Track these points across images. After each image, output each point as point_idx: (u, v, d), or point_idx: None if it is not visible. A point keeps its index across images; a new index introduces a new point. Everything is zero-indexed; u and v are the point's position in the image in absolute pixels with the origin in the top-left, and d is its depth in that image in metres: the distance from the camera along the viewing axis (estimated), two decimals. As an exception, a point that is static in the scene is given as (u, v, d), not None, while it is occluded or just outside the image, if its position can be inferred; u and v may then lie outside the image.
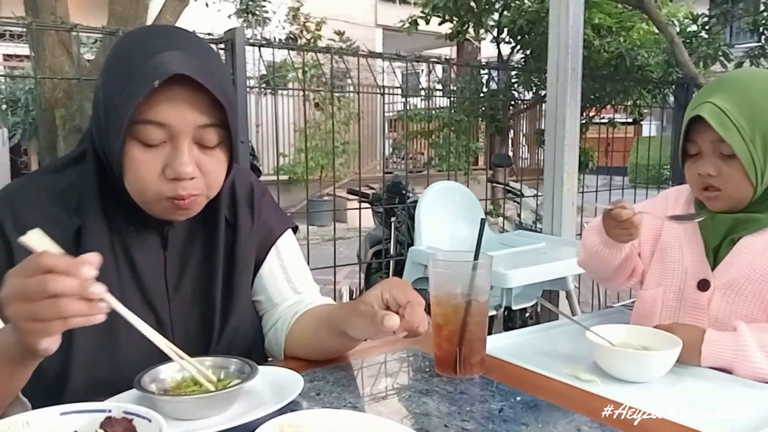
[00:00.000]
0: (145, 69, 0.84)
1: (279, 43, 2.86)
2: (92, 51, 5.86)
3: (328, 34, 9.09)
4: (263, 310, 1.12)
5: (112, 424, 0.67)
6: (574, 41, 2.49)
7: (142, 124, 0.86)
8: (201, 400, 0.80)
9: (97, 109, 0.91)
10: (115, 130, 0.86)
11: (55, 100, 3.37)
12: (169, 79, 0.83)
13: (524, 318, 2.94)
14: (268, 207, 1.12)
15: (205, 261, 1.02)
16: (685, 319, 1.24)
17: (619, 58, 5.12)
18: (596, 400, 0.90)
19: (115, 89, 0.86)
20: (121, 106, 0.85)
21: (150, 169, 0.88)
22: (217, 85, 0.87)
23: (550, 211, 2.64)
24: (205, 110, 0.88)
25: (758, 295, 1.17)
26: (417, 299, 0.89)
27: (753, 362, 1.06)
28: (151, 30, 0.95)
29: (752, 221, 1.19)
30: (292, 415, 0.75)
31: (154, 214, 0.94)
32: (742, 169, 1.15)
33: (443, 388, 0.93)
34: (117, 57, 0.91)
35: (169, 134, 0.87)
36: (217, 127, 0.90)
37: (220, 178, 0.94)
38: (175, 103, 0.86)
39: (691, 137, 1.21)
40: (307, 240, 2.77)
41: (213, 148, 0.91)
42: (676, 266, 1.28)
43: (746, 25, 5.48)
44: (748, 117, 1.13)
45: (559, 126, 2.56)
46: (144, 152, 0.87)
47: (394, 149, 10.36)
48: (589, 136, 5.97)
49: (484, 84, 5.89)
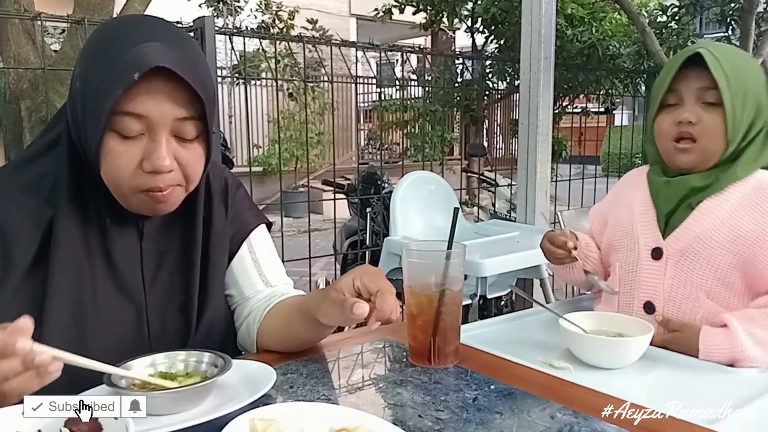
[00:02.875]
0: (124, 60, 0.83)
1: (250, 31, 2.82)
2: (59, 41, 5.72)
3: (301, 23, 9.00)
4: (235, 303, 1.11)
5: (77, 422, 0.65)
6: (546, 30, 2.50)
7: (121, 115, 0.85)
8: (172, 395, 0.78)
9: (74, 99, 0.89)
10: (93, 121, 0.85)
11: (20, 92, 3.29)
12: (148, 72, 0.82)
13: (499, 306, 2.96)
14: (241, 202, 1.11)
15: (182, 254, 1.01)
16: (641, 290, 1.23)
17: (592, 48, 5.16)
18: (570, 388, 0.90)
19: (93, 79, 0.85)
20: (100, 97, 0.83)
21: (127, 160, 0.87)
22: (197, 78, 0.86)
23: (524, 199, 2.66)
24: (183, 103, 0.87)
25: (712, 263, 1.16)
26: (388, 287, 0.89)
27: (750, 358, 1.07)
28: (131, 19, 0.93)
29: (711, 184, 1.18)
30: (264, 408, 0.74)
31: (132, 208, 0.93)
32: (723, 120, 1.15)
33: (418, 378, 0.93)
34: (96, 46, 0.89)
35: (147, 126, 0.86)
36: (195, 120, 0.89)
37: (198, 171, 0.94)
38: (154, 96, 0.85)
39: (674, 86, 1.20)
40: (281, 232, 2.75)
41: (191, 140, 0.91)
42: (627, 238, 1.27)
43: (714, 16, 5.56)
44: (734, 73, 1.14)
45: (533, 115, 2.57)
46: (121, 144, 0.86)
47: (370, 140, 10.34)
48: (562, 126, 6.02)
49: (458, 74, 5.90)
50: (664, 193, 1.23)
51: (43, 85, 2.78)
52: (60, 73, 2.94)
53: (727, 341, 1.08)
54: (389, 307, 0.87)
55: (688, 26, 5.47)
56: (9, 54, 3.18)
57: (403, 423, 0.77)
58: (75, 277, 0.91)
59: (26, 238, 0.90)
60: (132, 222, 0.97)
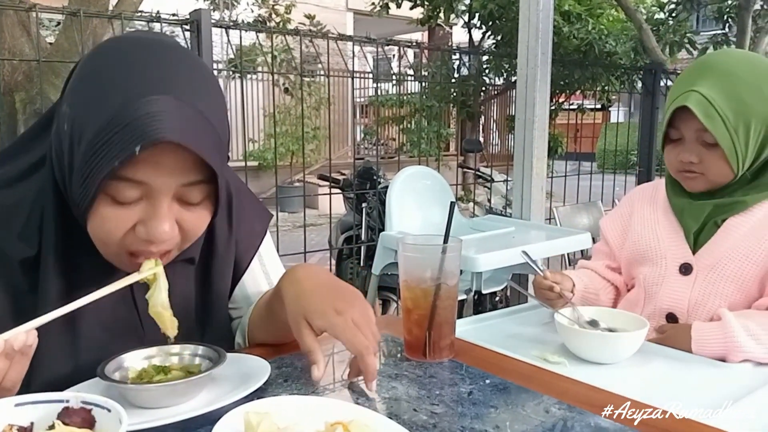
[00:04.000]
0: (124, 120, 0.70)
1: (247, 24, 2.81)
2: (53, 34, 5.68)
3: (298, 18, 8.97)
4: (242, 314, 1.06)
5: (70, 414, 0.64)
6: (544, 25, 2.49)
7: (117, 180, 0.73)
8: (166, 389, 0.78)
9: (61, 143, 0.77)
10: (81, 183, 0.73)
11: (14, 83, 3.28)
12: None
13: (494, 302, 2.96)
14: (246, 209, 1.02)
15: (184, 278, 0.94)
16: (666, 303, 1.25)
17: (588, 45, 5.17)
18: (565, 382, 0.90)
19: (84, 131, 0.72)
20: (93, 161, 0.71)
21: (120, 225, 0.76)
22: (209, 143, 0.75)
23: (519, 195, 2.66)
24: (192, 168, 0.76)
25: (738, 275, 1.18)
26: (364, 348, 0.82)
27: (743, 349, 1.08)
28: (134, 50, 0.76)
29: (736, 204, 1.20)
30: (259, 402, 0.74)
31: (113, 263, 0.83)
32: (724, 157, 1.16)
33: (413, 372, 0.92)
34: (90, 83, 0.75)
35: (146, 192, 0.75)
36: (203, 183, 0.78)
37: (198, 233, 0.84)
38: (158, 165, 0.73)
39: (674, 123, 1.21)
40: (276, 227, 2.74)
41: (196, 204, 0.80)
42: (653, 253, 1.29)
43: (711, 13, 5.58)
44: (734, 106, 1.13)
45: (529, 110, 2.56)
46: (114, 210, 0.75)
47: (366, 135, 10.32)
48: (558, 122, 6.03)
49: (455, 69, 5.89)
50: (689, 212, 1.25)
51: (38, 77, 2.76)
52: (55, 65, 2.93)
53: (721, 332, 1.10)
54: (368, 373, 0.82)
55: (685, 23, 5.48)
56: (3, 45, 3.17)
57: (398, 417, 0.77)
58: (67, 279, 0.84)
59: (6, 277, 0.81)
60: None
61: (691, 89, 1.15)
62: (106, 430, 0.64)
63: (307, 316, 0.84)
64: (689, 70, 1.22)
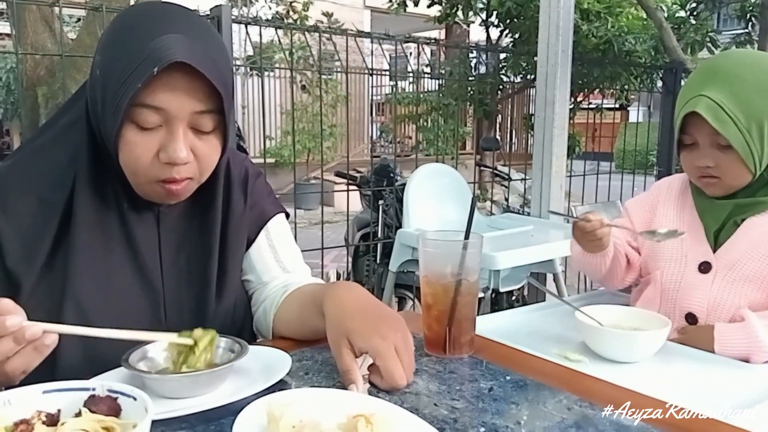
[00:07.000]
0: (144, 53, 0.83)
1: (266, 20, 2.82)
2: (74, 30, 5.75)
3: (315, 15, 8.97)
4: (252, 288, 1.11)
5: (97, 402, 0.65)
6: (564, 23, 2.48)
7: (139, 107, 0.85)
8: (189, 379, 0.79)
9: (94, 87, 0.90)
10: (112, 112, 0.86)
11: (37, 78, 3.32)
12: (168, 65, 0.83)
13: (511, 301, 2.95)
14: (260, 190, 1.12)
15: (200, 241, 1.02)
16: (685, 301, 1.24)
17: (607, 43, 5.12)
18: (586, 380, 0.90)
19: (113, 70, 0.85)
20: (119, 89, 0.84)
21: (145, 151, 0.88)
22: (217, 72, 0.87)
23: (538, 193, 2.64)
24: (202, 97, 0.88)
25: (758, 275, 1.18)
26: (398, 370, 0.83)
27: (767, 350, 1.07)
28: (152, 8, 0.92)
29: (756, 204, 1.20)
30: (280, 394, 0.74)
31: (145, 196, 0.94)
32: (740, 159, 1.15)
33: (432, 367, 0.92)
34: (116, 35, 0.89)
35: (165, 118, 0.87)
36: (213, 113, 0.90)
37: (212, 163, 0.95)
38: (173, 90, 0.86)
39: (686, 129, 1.20)
40: (294, 223, 2.75)
41: (208, 133, 0.91)
42: (674, 251, 1.28)
43: (734, 12, 5.50)
44: (744, 108, 1.13)
45: (549, 108, 2.55)
46: (139, 135, 0.87)
47: (382, 132, 10.32)
48: (576, 122, 5.97)
49: (472, 67, 5.86)
50: (710, 212, 1.25)
51: (60, 72, 2.79)
52: (77, 60, 2.96)
53: (744, 333, 1.09)
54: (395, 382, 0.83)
55: (707, 22, 5.40)
56: (26, 41, 3.21)
57: (418, 411, 0.77)
58: (93, 263, 0.92)
59: (43, 229, 0.91)
60: (149, 208, 0.98)
61: (700, 94, 1.15)
62: (131, 418, 0.64)
63: (349, 337, 0.85)
64: (695, 75, 1.21)
